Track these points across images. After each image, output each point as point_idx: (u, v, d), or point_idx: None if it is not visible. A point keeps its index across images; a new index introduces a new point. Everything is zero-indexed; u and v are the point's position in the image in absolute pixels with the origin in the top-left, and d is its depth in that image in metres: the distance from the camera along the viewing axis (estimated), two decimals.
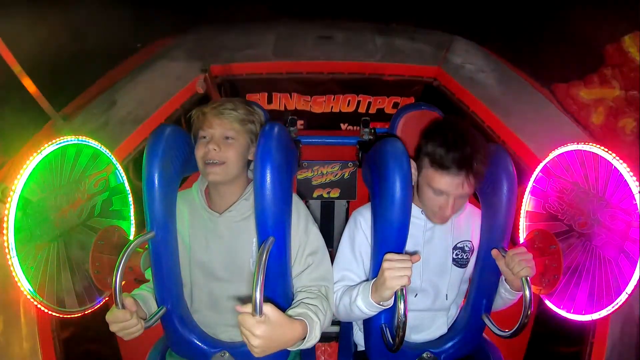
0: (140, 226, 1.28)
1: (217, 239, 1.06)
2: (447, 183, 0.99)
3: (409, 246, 1.06)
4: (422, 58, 1.83)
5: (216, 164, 1.00)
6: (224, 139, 1.03)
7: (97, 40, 1.42)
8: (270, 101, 2.00)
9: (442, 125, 1.06)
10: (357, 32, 1.95)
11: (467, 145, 0.97)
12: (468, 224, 1.16)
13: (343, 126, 2.16)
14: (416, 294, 1.13)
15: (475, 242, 1.16)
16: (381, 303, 0.96)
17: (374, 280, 0.97)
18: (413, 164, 1.08)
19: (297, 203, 1.07)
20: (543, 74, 1.49)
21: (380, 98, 1.99)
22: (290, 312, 0.90)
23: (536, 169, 1.20)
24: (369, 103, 2.01)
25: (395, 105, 2.01)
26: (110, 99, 1.47)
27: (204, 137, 1.04)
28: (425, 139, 1.04)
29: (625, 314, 1.08)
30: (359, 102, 2.00)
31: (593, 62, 1.30)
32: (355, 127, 2.14)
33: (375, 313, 1.00)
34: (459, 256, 1.14)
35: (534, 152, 1.32)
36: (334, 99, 2.00)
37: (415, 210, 1.10)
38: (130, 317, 0.87)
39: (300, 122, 2.09)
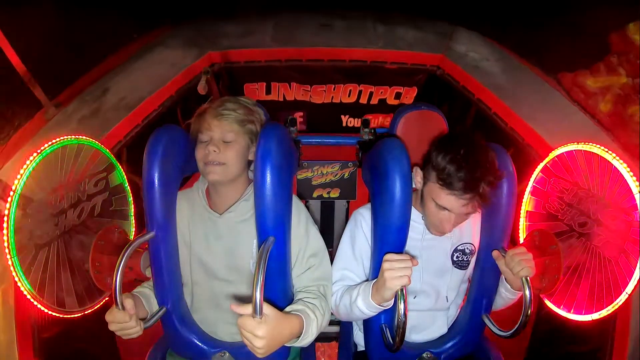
0: (141, 226, 1.28)
1: (217, 239, 1.06)
2: (452, 202, 0.97)
3: (409, 249, 1.06)
4: (425, 46, 1.79)
5: (216, 164, 1.00)
6: (223, 142, 1.02)
7: (95, 29, 1.38)
8: (268, 91, 1.94)
9: (456, 139, 1.01)
10: (358, 20, 1.90)
11: (478, 167, 0.93)
12: (469, 226, 1.15)
13: (344, 118, 2.10)
14: (415, 296, 1.13)
15: (476, 244, 1.15)
16: (381, 304, 0.96)
17: (374, 280, 0.97)
18: (419, 172, 1.06)
19: (297, 205, 1.07)
20: (548, 63, 1.47)
21: (382, 88, 1.94)
22: (288, 308, 0.91)
23: (536, 169, 1.20)
24: (371, 93, 1.95)
25: (398, 95, 1.95)
26: (103, 87, 1.44)
27: (204, 140, 1.03)
28: (436, 150, 1.00)
29: None
30: (360, 92, 1.94)
31: (599, 51, 1.27)
32: (356, 120, 2.09)
33: (375, 314, 1.00)
34: (460, 258, 1.14)
35: (545, 139, 1.28)
36: (334, 89, 1.94)
37: (415, 214, 1.09)
38: (129, 319, 0.88)
39: (299, 114, 2.05)
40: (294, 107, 2.01)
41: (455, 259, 1.14)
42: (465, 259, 1.14)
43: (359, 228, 1.12)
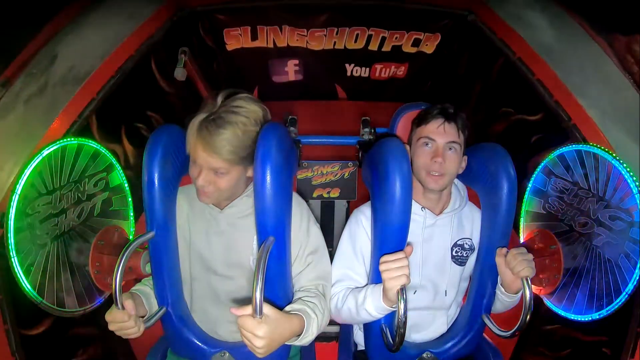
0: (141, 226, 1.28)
1: (217, 234, 1.06)
2: (432, 128, 1.08)
3: (409, 242, 1.06)
4: None
5: (206, 191, 0.96)
6: (214, 171, 0.93)
7: None
8: (255, 37, 1.54)
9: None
10: None
11: (451, 105, 1.10)
12: (468, 222, 1.16)
13: (348, 67, 1.75)
14: (415, 291, 1.13)
15: (476, 240, 1.16)
16: (391, 307, 0.96)
17: (382, 284, 0.97)
18: (407, 147, 1.12)
19: (299, 202, 1.07)
20: (600, 20, 1.17)
21: (397, 33, 1.54)
22: (288, 307, 0.91)
23: (536, 169, 1.20)
24: (383, 38, 1.55)
25: (416, 42, 1.55)
26: (51, 53, 1.15)
27: (194, 160, 0.95)
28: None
29: None
30: (369, 36, 1.54)
31: None
32: (363, 69, 1.75)
33: (382, 316, 1.01)
34: (458, 254, 1.14)
35: (596, 123, 1.08)
36: (337, 33, 1.52)
37: (415, 207, 1.10)
38: (128, 319, 0.88)
39: (294, 62, 1.71)
40: (287, 54, 1.66)
41: (454, 253, 1.14)
42: (464, 255, 1.15)
43: (360, 226, 1.12)
